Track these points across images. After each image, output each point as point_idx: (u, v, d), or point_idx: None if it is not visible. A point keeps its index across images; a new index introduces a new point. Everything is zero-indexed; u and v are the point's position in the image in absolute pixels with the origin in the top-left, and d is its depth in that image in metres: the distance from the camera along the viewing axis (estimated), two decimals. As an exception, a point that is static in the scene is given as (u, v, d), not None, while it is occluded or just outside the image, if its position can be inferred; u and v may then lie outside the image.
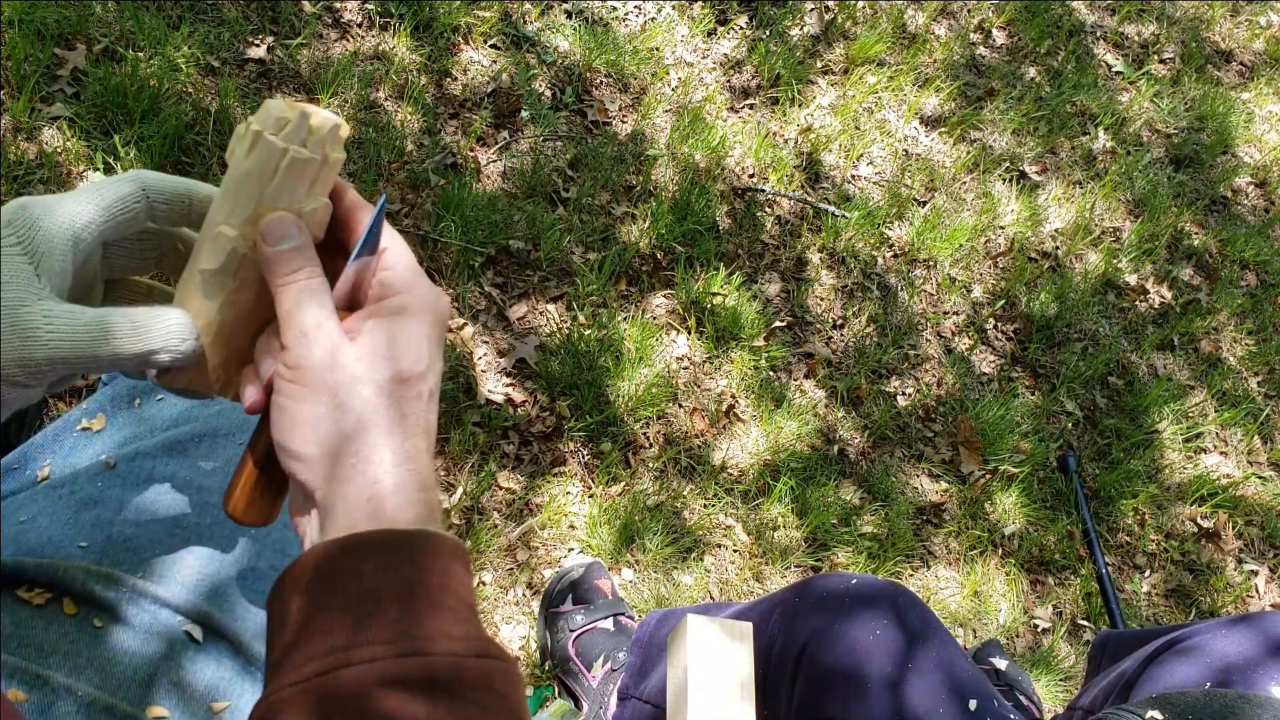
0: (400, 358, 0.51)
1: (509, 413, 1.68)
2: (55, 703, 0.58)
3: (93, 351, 0.49)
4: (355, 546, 0.47)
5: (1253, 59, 2.93)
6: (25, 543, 0.65)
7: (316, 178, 0.54)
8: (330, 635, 0.45)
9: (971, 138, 2.41)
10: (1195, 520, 2.05)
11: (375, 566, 0.46)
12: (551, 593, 1.50)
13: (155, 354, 0.51)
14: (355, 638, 0.44)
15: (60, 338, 0.48)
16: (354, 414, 0.50)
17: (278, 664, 0.46)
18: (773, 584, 1.70)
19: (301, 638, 0.46)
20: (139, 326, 0.50)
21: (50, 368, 0.48)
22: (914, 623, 1.03)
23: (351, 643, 0.44)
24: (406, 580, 0.46)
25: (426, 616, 0.46)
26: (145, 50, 1.72)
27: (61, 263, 0.50)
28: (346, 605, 0.46)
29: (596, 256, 1.90)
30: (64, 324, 0.48)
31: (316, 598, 0.46)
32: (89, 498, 0.68)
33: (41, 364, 0.48)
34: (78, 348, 0.48)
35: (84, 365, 0.49)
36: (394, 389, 0.51)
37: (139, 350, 0.50)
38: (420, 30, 2.00)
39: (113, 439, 0.76)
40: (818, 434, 1.88)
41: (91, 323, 0.49)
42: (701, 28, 2.29)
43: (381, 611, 0.45)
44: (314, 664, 0.44)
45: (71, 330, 0.48)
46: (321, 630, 0.45)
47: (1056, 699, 1.73)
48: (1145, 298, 2.33)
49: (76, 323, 0.48)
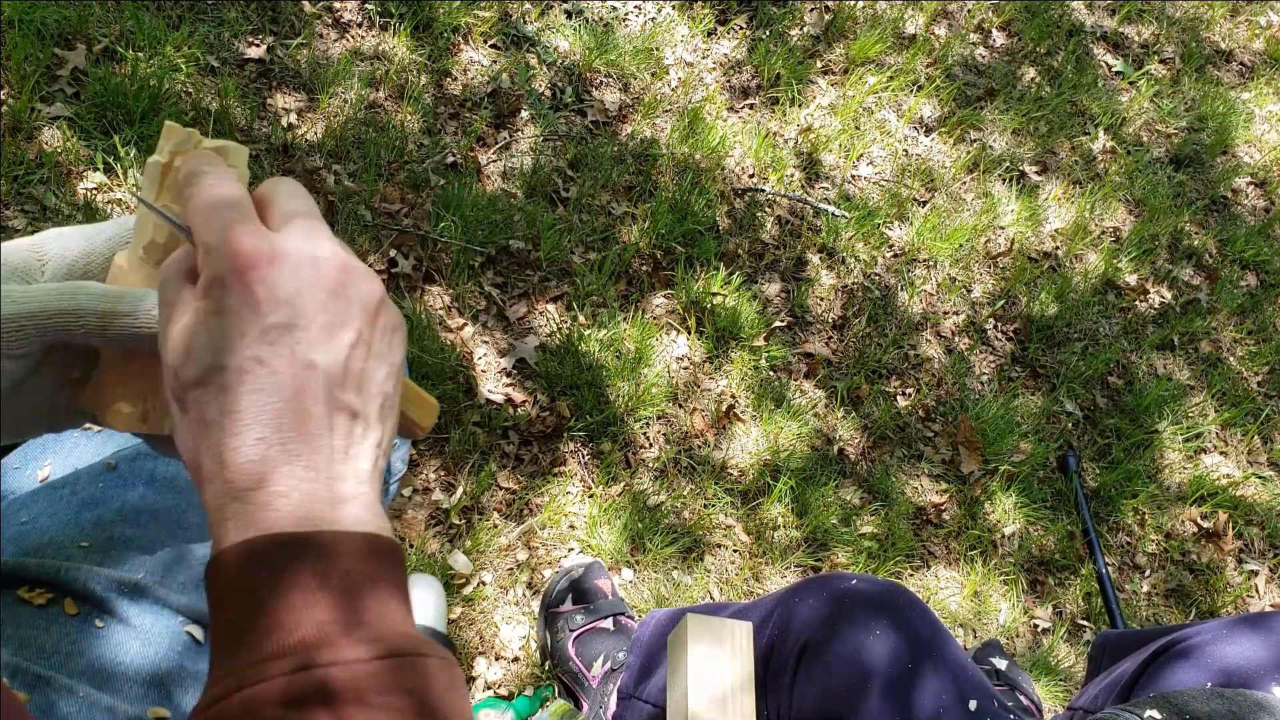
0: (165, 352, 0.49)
1: (509, 413, 1.68)
2: (56, 703, 0.58)
3: (57, 306, 0.50)
4: (249, 555, 0.44)
5: (1252, 59, 2.93)
6: (27, 543, 0.65)
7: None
8: (224, 655, 0.43)
9: (971, 138, 2.41)
10: (1195, 520, 2.05)
11: (269, 574, 0.43)
12: (551, 593, 1.50)
13: (120, 316, 0.51)
14: (250, 656, 0.42)
15: (33, 296, 0.49)
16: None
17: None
18: (773, 584, 1.70)
19: (212, 654, 0.44)
20: (109, 292, 0.51)
21: (21, 329, 0.49)
22: (914, 623, 1.03)
23: (248, 661, 0.42)
24: (304, 587, 0.43)
25: (328, 626, 0.43)
26: (145, 50, 1.72)
27: (70, 269, 0.53)
28: (238, 622, 0.43)
29: (596, 256, 1.90)
30: (37, 289, 0.50)
31: (215, 614, 0.45)
32: (90, 498, 0.68)
33: (17, 321, 0.49)
34: (45, 305, 0.49)
35: (53, 323, 0.50)
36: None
37: (102, 309, 0.51)
38: (420, 30, 2.00)
39: (113, 440, 0.76)
40: (817, 434, 1.88)
41: (61, 286, 0.50)
42: (701, 28, 2.29)
43: (276, 625, 0.43)
44: (212, 690, 0.43)
45: (45, 292, 0.50)
46: (217, 650, 0.44)
47: (1056, 699, 1.73)
48: (1145, 298, 2.33)
49: (50, 288, 0.50)
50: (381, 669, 0.42)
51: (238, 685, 0.41)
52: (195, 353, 0.45)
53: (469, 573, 1.53)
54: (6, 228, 1.50)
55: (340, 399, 0.47)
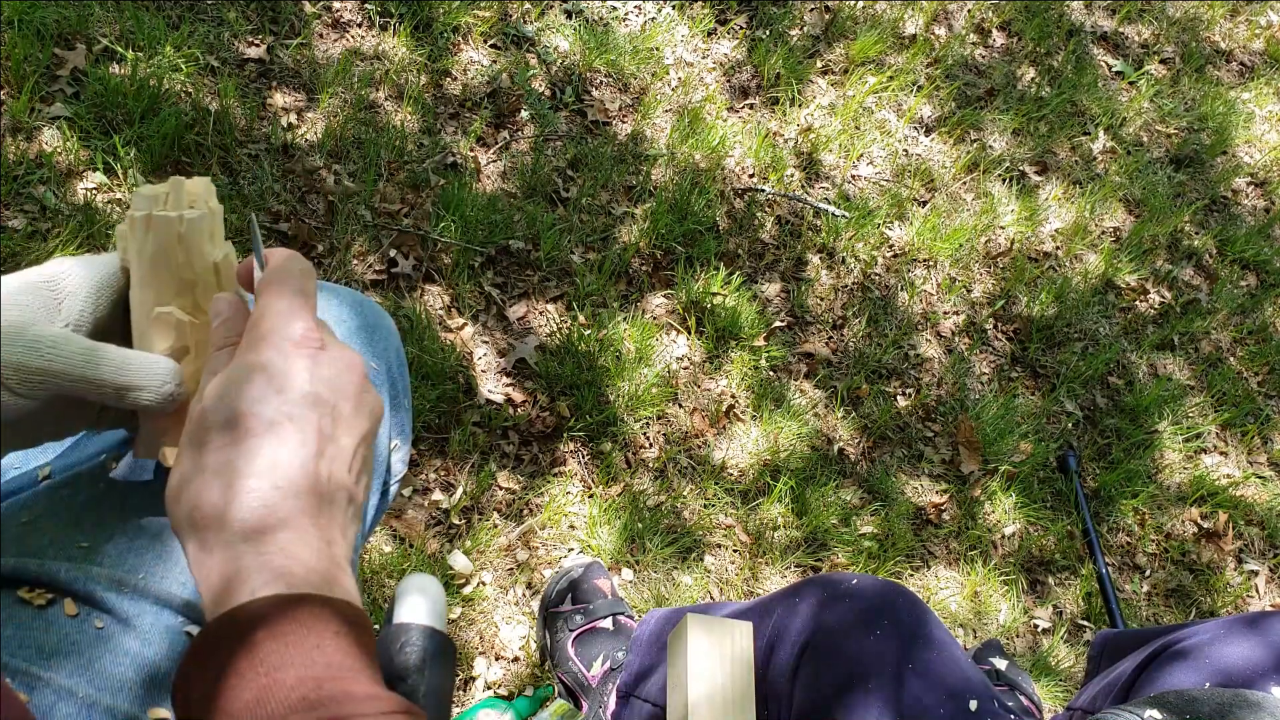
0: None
1: (509, 413, 1.68)
2: (56, 704, 0.58)
3: (80, 372, 0.54)
4: (216, 641, 0.46)
5: (1252, 59, 2.93)
6: (27, 544, 0.65)
7: (212, 230, 0.59)
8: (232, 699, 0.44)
9: (971, 138, 2.41)
10: (1195, 520, 2.05)
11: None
12: (551, 593, 1.50)
13: (136, 390, 0.56)
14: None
15: (57, 354, 0.54)
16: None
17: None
18: (772, 584, 1.70)
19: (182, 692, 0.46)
20: (128, 361, 0.56)
21: (41, 380, 0.53)
22: (914, 623, 1.03)
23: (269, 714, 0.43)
24: (241, 673, 0.45)
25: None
26: (145, 50, 1.72)
27: (83, 305, 0.57)
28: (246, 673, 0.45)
29: (596, 256, 1.90)
30: (64, 344, 0.54)
31: (183, 701, 0.46)
32: (91, 499, 0.68)
33: (34, 373, 0.53)
34: (69, 365, 0.54)
35: (71, 384, 0.54)
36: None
37: (121, 382, 0.56)
38: (420, 30, 2.00)
39: (114, 440, 0.76)
40: (817, 434, 1.88)
41: (87, 348, 0.55)
42: (701, 28, 2.29)
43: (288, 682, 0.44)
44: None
45: (69, 350, 0.54)
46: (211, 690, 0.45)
47: (1056, 699, 1.73)
48: (1145, 298, 2.33)
49: (73, 345, 0.54)
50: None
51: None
52: (230, 399, 0.50)
53: (469, 573, 1.53)
54: (6, 228, 1.51)
55: (347, 480, 0.52)
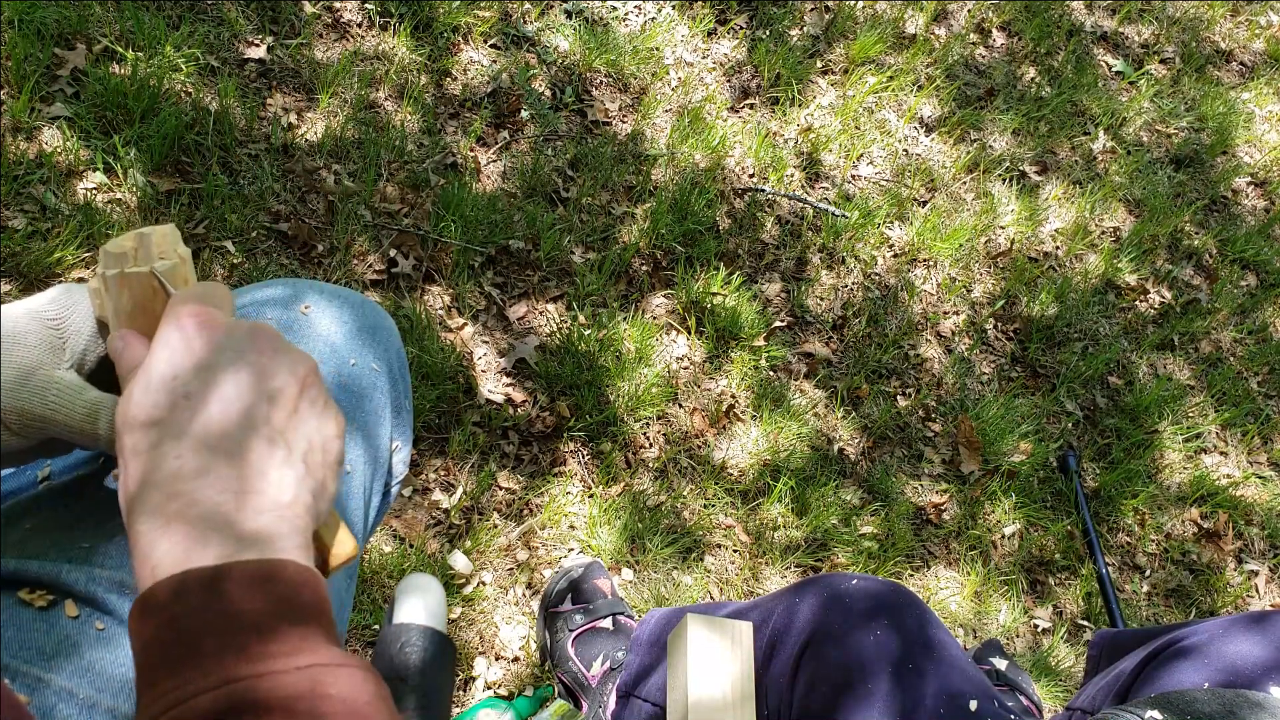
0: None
1: (509, 413, 1.68)
2: (56, 706, 0.58)
3: (79, 426, 0.57)
4: (179, 590, 0.46)
5: (1253, 59, 2.93)
6: (28, 545, 0.65)
7: (186, 276, 0.60)
8: (153, 687, 0.45)
9: (971, 138, 2.41)
10: (1195, 520, 2.05)
11: (186, 609, 0.46)
12: (551, 592, 1.50)
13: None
14: (176, 680, 0.44)
15: (60, 404, 0.57)
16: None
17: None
18: (772, 584, 1.70)
19: (137, 685, 0.46)
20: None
21: (40, 425, 0.57)
22: (914, 624, 1.03)
23: (172, 686, 0.44)
24: (223, 613, 0.46)
25: (251, 646, 0.45)
26: (145, 50, 1.72)
27: (87, 344, 0.60)
28: (166, 651, 0.45)
29: (596, 256, 1.90)
30: (67, 395, 0.57)
31: (140, 647, 0.47)
32: (92, 500, 0.68)
33: (35, 419, 0.56)
34: (69, 417, 0.57)
35: (67, 433, 0.57)
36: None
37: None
38: (420, 30, 2.00)
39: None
40: (817, 434, 1.88)
41: (88, 402, 0.58)
42: (701, 28, 2.29)
43: (200, 649, 0.45)
44: (141, 716, 0.44)
45: (71, 402, 0.57)
46: (143, 682, 0.46)
47: (1056, 699, 1.73)
48: (1145, 298, 2.33)
49: (76, 398, 0.58)
50: (302, 676, 0.45)
51: (167, 707, 0.43)
52: (153, 389, 0.52)
53: (469, 573, 1.53)
54: (6, 228, 1.50)
55: (280, 423, 0.52)
